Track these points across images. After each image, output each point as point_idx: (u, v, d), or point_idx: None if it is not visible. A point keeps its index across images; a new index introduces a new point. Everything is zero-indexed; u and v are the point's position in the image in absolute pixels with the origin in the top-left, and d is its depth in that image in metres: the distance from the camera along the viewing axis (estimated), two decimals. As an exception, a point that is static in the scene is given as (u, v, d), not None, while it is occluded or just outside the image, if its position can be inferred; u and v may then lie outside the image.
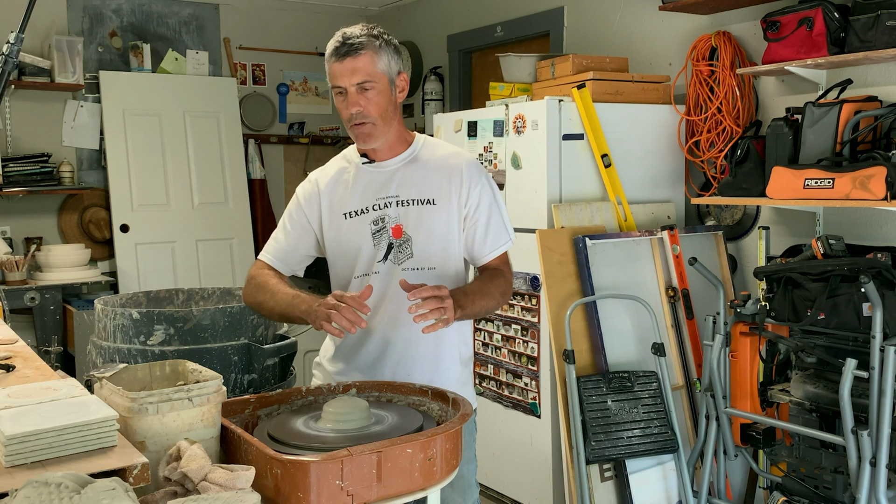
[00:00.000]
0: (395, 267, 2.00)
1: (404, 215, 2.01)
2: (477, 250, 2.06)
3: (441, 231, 2.02)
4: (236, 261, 5.45)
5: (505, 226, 2.09)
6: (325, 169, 2.13)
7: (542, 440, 3.37)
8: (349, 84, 1.92)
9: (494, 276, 2.05)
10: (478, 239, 2.05)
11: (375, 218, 2.02)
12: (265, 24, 5.78)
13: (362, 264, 2.03)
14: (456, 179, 2.03)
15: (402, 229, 2.00)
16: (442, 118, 3.87)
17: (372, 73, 1.92)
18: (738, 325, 2.93)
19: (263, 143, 5.79)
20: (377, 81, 1.93)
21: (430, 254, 2.01)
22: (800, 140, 2.94)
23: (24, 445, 1.27)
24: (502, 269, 2.09)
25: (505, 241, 2.08)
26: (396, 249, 2.01)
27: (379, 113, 1.95)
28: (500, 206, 2.09)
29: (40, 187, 4.78)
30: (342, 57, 1.91)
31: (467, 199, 2.03)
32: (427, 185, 2.02)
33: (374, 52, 1.92)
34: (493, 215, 2.06)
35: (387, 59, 1.94)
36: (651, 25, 3.89)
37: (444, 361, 2.04)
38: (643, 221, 3.49)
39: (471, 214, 2.04)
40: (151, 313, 2.33)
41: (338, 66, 1.92)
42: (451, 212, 2.02)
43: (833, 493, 2.74)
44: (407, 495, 1.47)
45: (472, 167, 2.06)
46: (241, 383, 2.36)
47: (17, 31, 1.95)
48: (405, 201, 2.02)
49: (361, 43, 1.90)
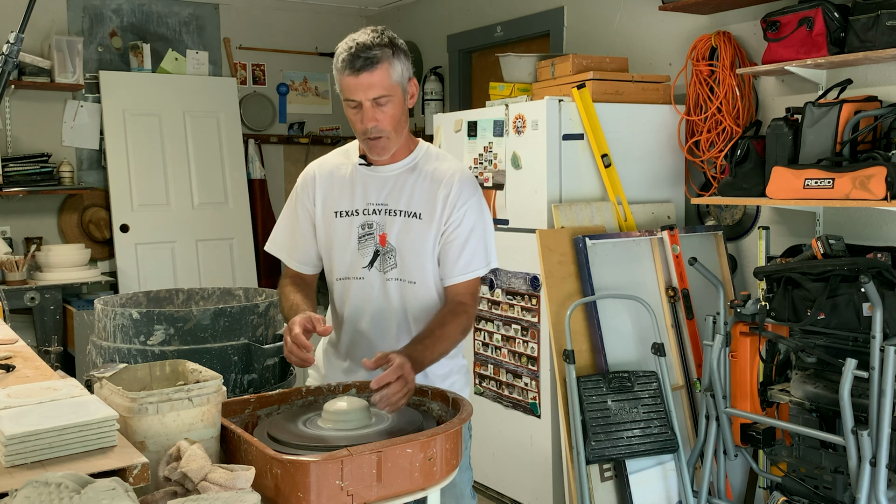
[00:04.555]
0: (380, 275, 2.00)
1: (390, 225, 1.98)
2: (447, 270, 2.00)
3: (423, 246, 1.98)
4: (236, 261, 5.45)
5: (484, 251, 2.01)
6: (324, 161, 2.12)
7: (542, 440, 3.37)
8: (365, 98, 1.87)
9: (456, 314, 1.96)
10: (450, 259, 1.99)
11: (363, 222, 2.00)
12: (265, 24, 5.78)
13: (344, 267, 2.03)
14: (443, 195, 1.97)
15: (387, 239, 1.98)
16: (442, 118, 3.87)
17: (388, 87, 1.87)
18: (738, 325, 2.93)
19: (263, 143, 5.79)
20: (393, 94, 1.89)
21: (412, 267, 1.99)
22: (800, 140, 2.94)
23: (24, 445, 1.27)
24: (465, 303, 1.99)
25: (477, 268, 2.00)
26: (382, 257, 1.99)
27: (393, 126, 1.92)
28: (484, 231, 2.02)
29: (40, 187, 4.78)
30: (357, 71, 1.84)
31: (449, 216, 1.97)
32: (416, 198, 1.98)
33: (389, 63, 1.86)
34: (472, 238, 1.99)
35: (400, 67, 1.90)
36: (651, 25, 3.89)
37: (432, 369, 2.00)
38: (643, 221, 3.49)
39: (449, 232, 1.98)
40: (151, 313, 2.33)
41: (352, 81, 1.86)
42: (434, 228, 1.98)
43: (833, 493, 2.74)
44: (407, 495, 1.47)
45: (464, 186, 1.99)
46: (241, 383, 2.36)
47: (17, 31, 1.94)
48: (393, 211, 1.99)
49: (377, 56, 1.84)
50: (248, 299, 2.75)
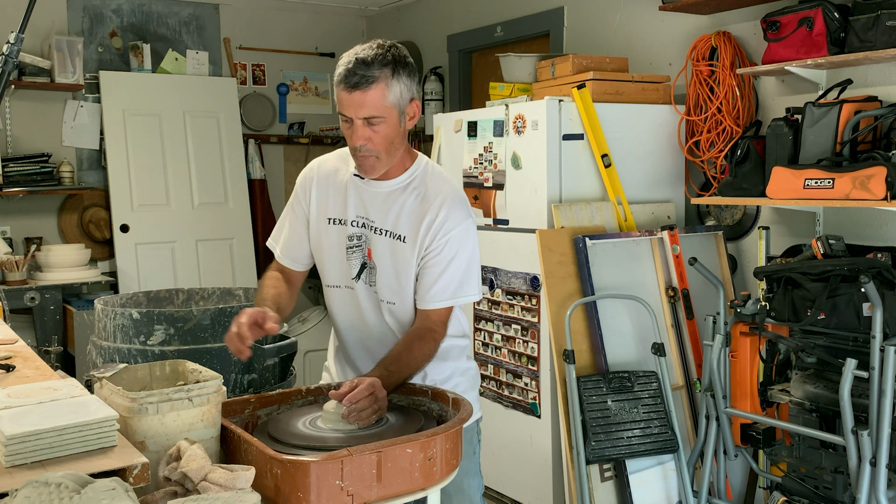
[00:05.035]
0: (367, 287, 1.97)
1: (375, 243, 1.95)
2: (420, 294, 1.94)
3: (406, 270, 1.93)
4: (236, 261, 5.44)
5: (461, 281, 1.93)
6: (324, 162, 2.08)
7: (542, 440, 3.37)
8: (356, 117, 1.81)
9: (424, 339, 1.90)
10: (424, 284, 1.92)
11: (352, 234, 1.97)
12: (265, 24, 5.78)
13: (334, 275, 2.01)
14: (428, 220, 1.90)
15: (372, 256, 1.96)
16: (442, 118, 3.87)
17: (381, 108, 1.81)
18: (738, 325, 2.93)
19: (263, 143, 5.79)
20: (386, 116, 1.82)
21: (391, 289, 1.95)
22: (800, 140, 2.94)
23: (24, 445, 1.27)
24: (434, 330, 1.93)
25: (450, 298, 1.93)
26: (369, 270, 1.97)
27: (385, 147, 1.86)
28: (466, 261, 1.94)
29: (40, 187, 4.78)
30: (351, 88, 1.79)
31: (430, 242, 1.91)
32: (403, 219, 1.93)
33: (385, 84, 1.80)
34: (450, 268, 1.91)
35: (399, 89, 1.82)
36: (651, 25, 3.89)
37: (432, 373, 2.00)
38: (643, 221, 3.49)
39: (428, 258, 1.91)
40: (151, 313, 2.33)
41: (345, 96, 1.81)
42: (414, 252, 1.92)
43: (833, 493, 2.74)
44: (407, 495, 1.47)
45: (451, 213, 1.91)
46: (241, 383, 2.36)
47: (17, 31, 1.95)
48: (379, 230, 1.95)
49: (373, 76, 1.78)
50: (248, 299, 2.76)
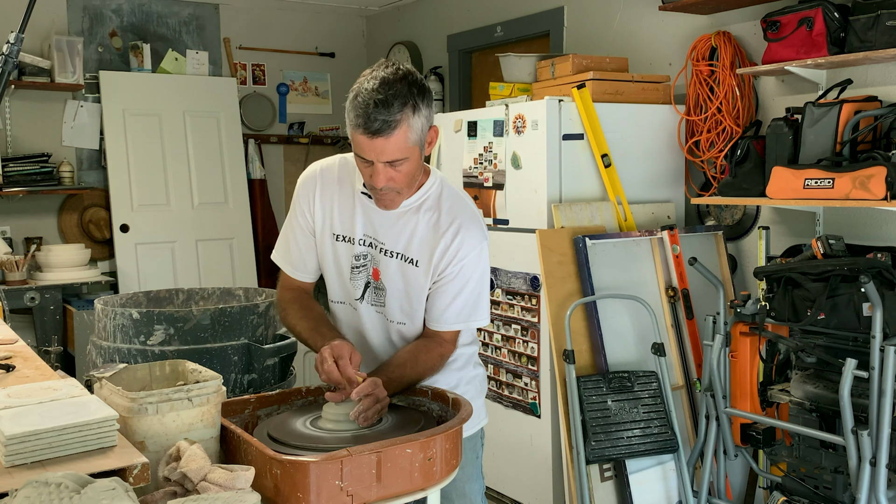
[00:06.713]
0: (371, 308, 1.94)
1: (384, 265, 1.89)
2: (432, 316, 1.91)
3: (419, 293, 1.89)
4: (236, 261, 5.45)
5: (474, 307, 1.90)
6: (327, 168, 1.97)
7: (542, 440, 3.37)
8: (378, 161, 1.71)
9: (430, 354, 1.88)
10: (437, 306, 1.89)
11: (358, 253, 1.91)
12: (265, 24, 5.78)
13: (338, 291, 1.99)
14: (443, 245, 1.85)
15: (380, 276, 1.90)
16: (442, 118, 3.87)
17: (405, 150, 1.71)
18: (738, 325, 2.93)
19: (263, 143, 5.79)
20: (410, 155, 1.73)
21: (400, 310, 1.92)
22: (800, 140, 2.94)
23: (24, 445, 1.27)
24: (443, 346, 1.91)
25: (463, 321, 1.91)
26: (374, 291, 1.92)
27: (407, 182, 1.78)
28: (479, 285, 1.90)
29: (40, 187, 4.78)
30: (372, 134, 1.67)
31: (445, 267, 1.86)
32: (416, 242, 1.87)
33: (408, 125, 1.69)
34: (464, 292, 1.88)
35: (420, 124, 1.72)
36: (651, 25, 3.89)
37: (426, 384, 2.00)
38: (643, 221, 3.49)
39: (442, 283, 1.87)
40: (151, 313, 2.33)
41: (365, 141, 1.69)
42: (428, 276, 1.88)
43: (833, 493, 2.74)
44: (407, 495, 1.47)
45: (467, 238, 1.86)
46: (241, 383, 2.36)
47: (17, 31, 1.94)
48: (390, 252, 1.88)
49: (396, 121, 1.66)
50: (248, 299, 2.75)
